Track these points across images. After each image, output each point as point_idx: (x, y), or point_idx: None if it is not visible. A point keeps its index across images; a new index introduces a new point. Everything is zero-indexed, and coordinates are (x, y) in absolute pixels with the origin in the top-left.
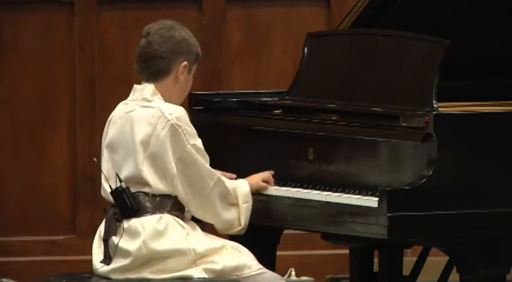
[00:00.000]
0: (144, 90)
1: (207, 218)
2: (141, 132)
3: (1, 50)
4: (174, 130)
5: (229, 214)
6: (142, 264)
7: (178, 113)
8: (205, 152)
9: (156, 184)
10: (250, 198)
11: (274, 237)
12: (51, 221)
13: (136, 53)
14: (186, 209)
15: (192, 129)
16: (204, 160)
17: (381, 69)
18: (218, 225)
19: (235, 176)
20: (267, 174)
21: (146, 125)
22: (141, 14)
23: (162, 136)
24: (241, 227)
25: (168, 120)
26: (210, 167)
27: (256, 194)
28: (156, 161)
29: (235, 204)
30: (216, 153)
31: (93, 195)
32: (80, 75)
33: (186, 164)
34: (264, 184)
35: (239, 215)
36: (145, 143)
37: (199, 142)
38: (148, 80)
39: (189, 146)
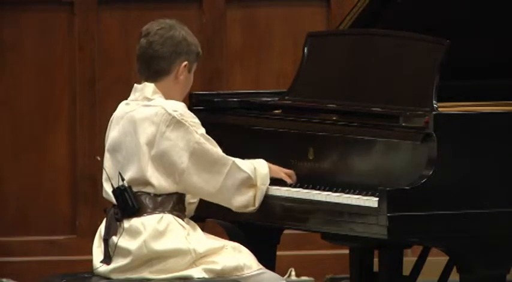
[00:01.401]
0: (144, 90)
1: (222, 203)
2: (145, 132)
3: (1, 50)
4: (181, 125)
5: (245, 198)
6: (142, 264)
7: (181, 108)
8: (212, 139)
9: (161, 184)
10: (268, 180)
11: (274, 237)
12: (51, 221)
13: (137, 53)
14: (186, 209)
15: (196, 120)
16: (215, 148)
17: (381, 69)
18: (232, 208)
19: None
20: (291, 171)
21: (149, 124)
22: (141, 14)
23: (168, 133)
24: (254, 208)
25: (173, 117)
26: (223, 153)
27: None
28: (163, 158)
29: (253, 186)
30: None
31: (93, 195)
32: (80, 75)
33: (200, 156)
34: (285, 175)
35: (255, 196)
36: (150, 143)
37: (204, 131)
38: (148, 80)
39: (198, 136)
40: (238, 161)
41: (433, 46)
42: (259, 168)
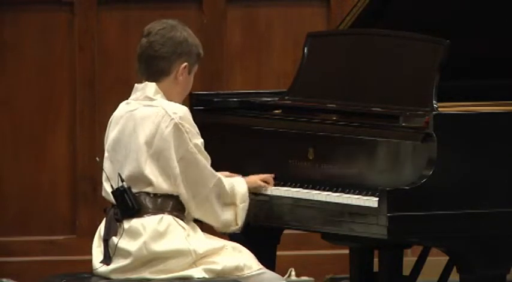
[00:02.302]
0: (145, 89)
1: (205, 218)
2: (144, 131)
3: (1, 50)
4: (178, 129)
5: (227, 214)
6: (142, 264)
7: (182, 113)
8: (206, 153)
9: (159, 183)
10: (247, 198)
11: (274, 237)
12: (51, 221)
13: (137, 53)
14: (186, 210)
15: (195, 129)
16: (205, 160)
17: (381, 69)
18: (216, 225)
19: (240, 176)
20: (267, 176)
21: (150, 123)
22: (141, 14)
23: (166, 134)
24: (237, 227)
25: (172, 119)
26: (211, 168)
27: (257, 194)
28: (160, 159)
29: (232, 204)
30: (216, 153)
31: (93, 195)
32: (80, 75)
33: (188, 164)
34: (263, 184)
35: (236, 215)
36: (149, 142)
37: (201, 142)
38: (148, 80)
39: (191, 145)
40: (222, 178)
41: (433, 46)
42: (237, 186)
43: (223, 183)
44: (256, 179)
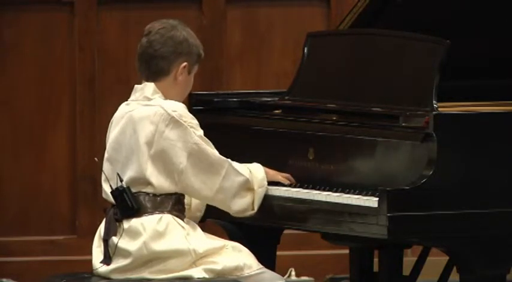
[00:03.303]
0: (144, 89)
1: (221, 207)
2: (144, 131)
3: (1, 50)
4: (180, 125)
5: (243, 201)
6: (142, 264)
7: (181, 109)
8: (209, 141)
9: (160, 184)
10: (265, 182)
11: (274, 237)
12: (51, 221)
13: (137, 52)
14: (186, 209)
15: (195, 121)
16: (212, 149)
17: (381, 69)
18: (231, 212)
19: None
20: (287, 175)
21: (148, 123)
22: (141, 14)
23: (167, 133)
24: (253, 211)
25: (172, 117)
26: (220, 155)
27: None
28: (162, 158)
29: (250, 189)
30: None
31: (93, 195)
32: (80, 75)
33: (197, 156)
34: (282, 178)
35: (253, 200)
36: (149, 142)
37: (202, 132)
38: (148, 79)
39: (196, 137)
40: (234, 163)
41: (433, 46)
42: (255, 171)
43: (236, 168)
44: (276, 174)
